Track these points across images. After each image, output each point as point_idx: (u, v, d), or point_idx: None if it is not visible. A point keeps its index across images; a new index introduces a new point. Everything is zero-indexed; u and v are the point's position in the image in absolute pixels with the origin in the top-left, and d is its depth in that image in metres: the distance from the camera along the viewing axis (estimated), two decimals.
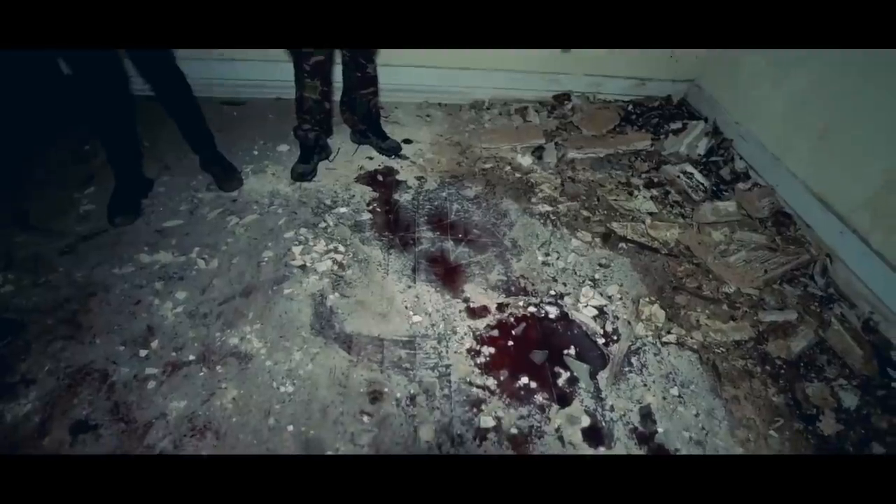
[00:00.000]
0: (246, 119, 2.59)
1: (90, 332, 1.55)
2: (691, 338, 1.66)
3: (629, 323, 1.70)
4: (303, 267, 1.79)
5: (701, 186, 2.27)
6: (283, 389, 1.43)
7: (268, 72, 2.65)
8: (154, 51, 1.71)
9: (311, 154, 2.23)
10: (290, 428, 1.35)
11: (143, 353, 1.50)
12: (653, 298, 1.79)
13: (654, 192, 2.30)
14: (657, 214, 2.17)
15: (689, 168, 2.35)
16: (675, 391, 1.50)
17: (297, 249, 1.85)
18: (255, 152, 2.35)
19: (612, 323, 1.70)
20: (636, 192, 2.29)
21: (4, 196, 2.01)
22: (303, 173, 2.19)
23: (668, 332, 1.67)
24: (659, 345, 1.63)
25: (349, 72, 2.12)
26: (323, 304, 1.68)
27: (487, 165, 2.39)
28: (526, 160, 2.43)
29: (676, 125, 2.63)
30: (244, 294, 1.69)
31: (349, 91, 2.22)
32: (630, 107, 2.81)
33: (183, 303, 1.64)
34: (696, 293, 1.82)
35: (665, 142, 2.54)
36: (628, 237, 2.05)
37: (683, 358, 1.60)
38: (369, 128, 2.35)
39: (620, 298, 1.79)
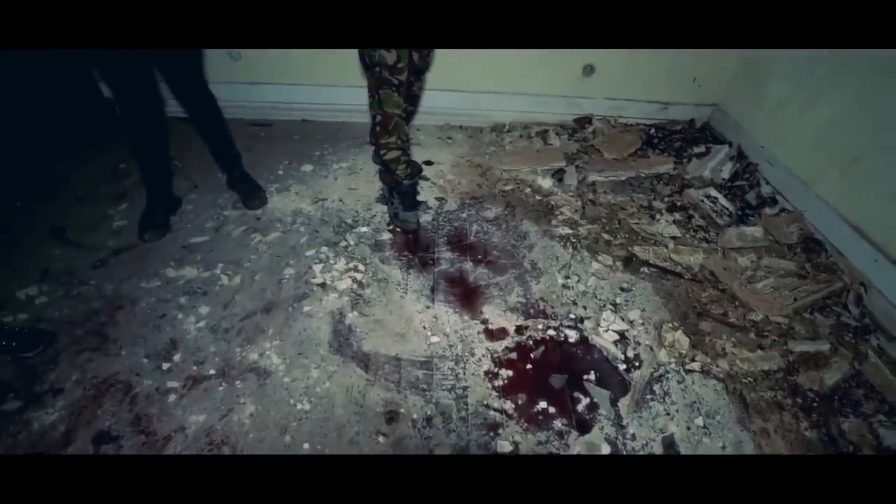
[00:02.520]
0: (272, 140, 2.67)
1: (116, 343, 1.59)
2: (717, 366, 1.60)
3: (651, 349, 1.65)
4: (323, 285, 1.81)
5: (726, 211, 2.23)
6: (300, 407, 1.43)
7: (294, 95, 2.76)
8: (188, 74, 1.79)
9: (407, 188, 2.02)
10: (306, 446, 1.34)
11: (165, 365, 1.53)
12: (676, 324, 1.75)
13: (677, 216, 2.27)
14: (680, 239, 2.13)
15: (714, 192, 2.32)
16: (699, 421, 1.45)
17: (317, 267, 1.87)
18: (280, 172, 2.42)
19: (634, 349, 1.65)
20: (658, 216, 2.26)
21: (44, 211, 2.10)
22: (408, 220, 2.05)
23: (693, 360, 1.62)
24: (682, 372, 1.58)
25: None
26: (342, 322, 1.69)
27: (508, 187, 2.40)
28: (546, 182, 2.43)
29: (700, 149, 2.61)
30: (265, 310, 1.71)
31: None
32: (652, 130, 2.80)
33: (206, 317, 1.68)
34: (721, 320, 1.76)
35: (688, 166, 2.51)
36: (650, 261, 2.01)
37: (709, 387, 1.54)
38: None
39: (642, 324, 1.75)
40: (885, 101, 1.84)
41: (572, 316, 1.76)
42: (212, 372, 1.51)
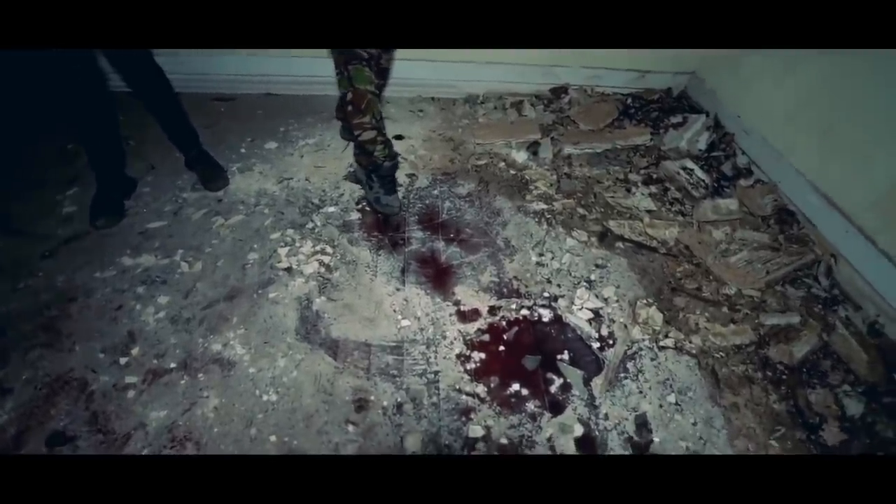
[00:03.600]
0: (235, 115, 2.53)
1: (70, 339, 1.51)
2: (690, 342, 1.61)
3: (625, 326, 1.64)
4: (289, 269, 1.74)
5: (701, 183, 2.20)
6: (266, 398, 1.38)
7: (257, 66, 2.59)
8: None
9: (387, 170, 1.89)
10: (273, 438, 1.31)
11: (123, 360, 1.46)
12: (650, 300, 1.74)
13: (653, 188, 2.24)
14: (656, 212, 2.11)
15: (690, 164, 2.28)
16: (672, 398, 1.45)
17: (283, 251, 1.80)
18: (243, 150, 2.29)
19: (608, 326, 1.64)
20: (634, 189, 2.22)
21: None
22: (391, 205, 1.94)
23: (666, 336, 1.62)
24: (656, 349, 1.58)
25: None
26: (309, 308, 1.63)
27: (481, 162, 2.32)
28: (521, 156, 2.37)
29: (677, 119, 2.56)
30: (228, 298, 1.64)
31: None
32: (629, 100, 2.74)
33: (165, 307, 1.60)
34: (695, 295, 1.76)
35: (665, 136, 2.47)
36: (626, 236, 1.99)
37: (681, 363, 1.55)
38: None
39: (617, 301, 1.73)
40: (859, 72, 1.81)
41: (546, 294, 1.73)
42: (173, 365, 1.45)
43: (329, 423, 1.34)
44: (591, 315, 1.67)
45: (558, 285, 1.77)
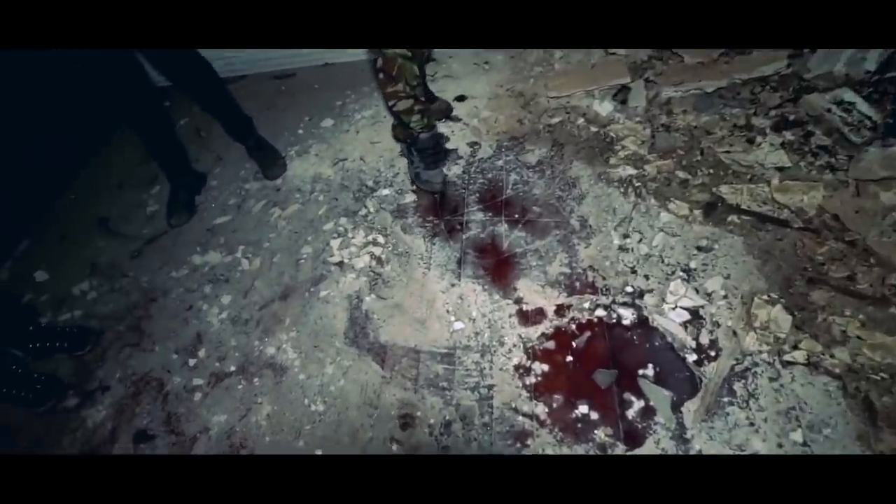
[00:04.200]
0: (294, 93, 2.45)
1: (151, 339, 1.62)
2: (831, 356, 1.20)
3: (734, 333, 1.28)
4: (340, 264, 1.66)
5: (866, 122, 1.60)
6: (314, 408, 1.35)
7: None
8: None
9: (425, 142, 1.67)
10: (319, 452, 1.27)
11: (192, 362, 1.53)
12: (774, 296, 1.33)
13: (788, 135, 1.69)
14: (790, 170, 1.59)
15: (849, 94, 1.67)
16: (798, 436, 1.10)
17: (335, 243, 1.72)
18: (300, 131, 2.22)
19: (711, 332, 1.30)
20: (760, 139, 1.70)
21: (90, 199, 2.17)
22: (431, 181, 1.76)
23: (795, 348, 1.23)
24: (778, 365, 1.21)
25: None
26: (359, 307, 1.54)
27: (555, 120, 1.96)
28: (605, 107, 1.94)
29: None
30: (282, 297, 1.62)
31: None
32: None
33: (227, 307, 1.64)
34: (844, 288, 1.31)
35: (811, 58, 1.83)
36: (743, 206, 1.54)
37: (816, 386, 1.17)
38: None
39: (725, 296, 1.36)
40: None
41: (629, 289, 1.42)
42: (232, 369, 1.48)
43: (374, 439, 1.27)
44: (687, 316, 1.33)
45: (646, 276, 1.44)
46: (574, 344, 1.34)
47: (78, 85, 1.87)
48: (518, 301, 1.46)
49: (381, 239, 1.70)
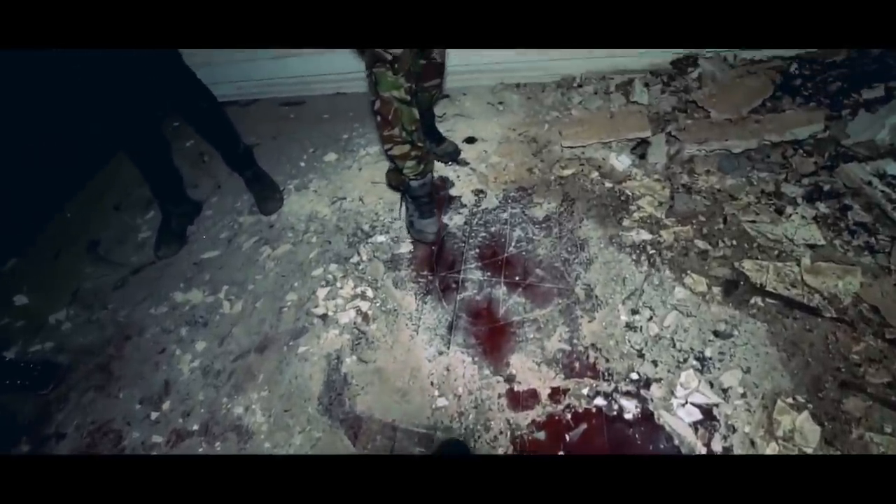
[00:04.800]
0: (302, 121, 2.39)
1: (118, 383, 1.53)
2: None
3: (752, 442, 1.12)
4: (324, 317, 1.55)
5: None
6: None
7: (324, 65, 2.40)
8: (168, 66, 1.52)
9: (417, 190, 1.58)
10: None
11: (154, 415, 1.43)
12: (801, 399, 1.17)
13: (823, 207, 1.54)
14: (823, 249, 1.44)
15: (893, 167, 1.51)
16: None
17: (322, 293, 1.61)
18: (302, 164, 2.15)
19: (725, 438, 1.14)
20: (790, 210, 1.55)
21: (86, 220, 2.12)
22: (424, 231, 1.65)
23: None
24: None
25: None
26: (337, 369, 1.42)
27: (568, 171, 1.84)
28: (622, 161, 1.82)
29: (874, 92, 1.72)
30: (259, 349, 1.52)
31: None
32: (793, 66, 1.93)
33: (201, 355, 1.53)
34: (883, 398, 1.14)
35: (850, 123, 1.68)
36: (768, 287, 1.38)
37: None
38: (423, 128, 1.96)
39: (743, 395, 1.20)
40: None
41: (634, 376, 1.28)
42: (195, 427, 1.38)
43: None
44: (698, 416, 1.18)
45: (654, 362, 1.29)
46: (567, 437, 1.19)
47: (78, 102, 1.82)
48: (510, 379, 1.32)
49: (370, 292, 1.58)
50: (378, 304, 1.55)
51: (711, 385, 1.23)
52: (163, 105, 1.66)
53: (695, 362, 1.28)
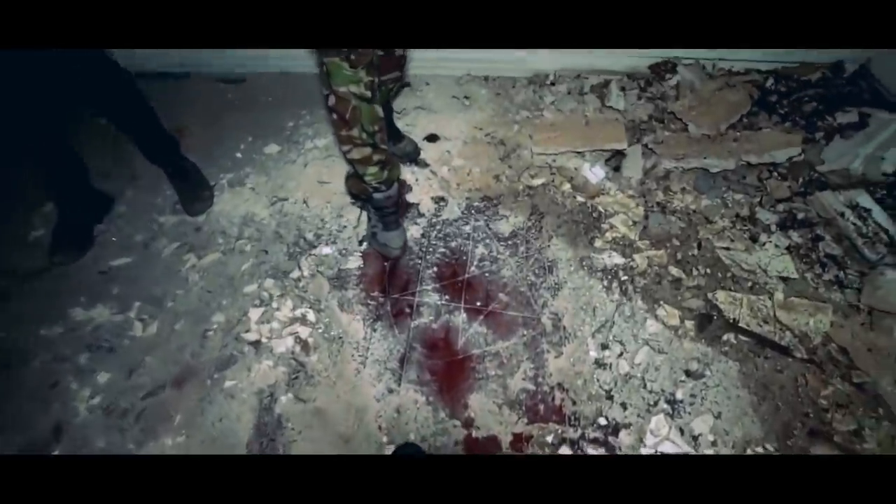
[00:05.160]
0: (241, 103, 2.09)
1: None
2: None
3: None
4: (257, 344, 1.34)
5: (882, 237, 1.41)
6: None
7: None
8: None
9: (381, 202, 1.37)
10: None
11: None
12: (770, 448, 1.11)
13: (796, 236, 1.48)
14: (795, 283, 1.38)
15: (865, 199, 1.47)
16: None
17: (254, 314, 1.39)
18: (239, 155, 1.87)
19: None
20: (764, 237, 1.48)
21: None
22: (388, 245, 1.48)
23: None
24: None
25: None
26: (270, 409, 1.23)
27: (537, 181, 1.69)
28: (596, 173, 1.69)
29: (848, 116, 1.68)
30: (177, 383, 1.29)
31: None
32: (770, 81, 1.86)
33: (103, 390, 1.28)
34: (849, 448, 1.09)
35: (825, 149, 1.63)
36: (741, 322, 1.31)
37: None
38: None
39: (714, 443, 1.13)
40: None
41: (603, 421, 1.17)
42: None
43: None
44: None
45: (623, 405, 1.19)
46: None
47: None
48: (468, 424, 1.18)
49: (311, 315, 1.38)
50: (321, 330, 1.35)
51: (682, 432, 1.14)
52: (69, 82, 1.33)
53: (665, 406, 1.19)
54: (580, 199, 1.63)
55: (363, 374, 1.27)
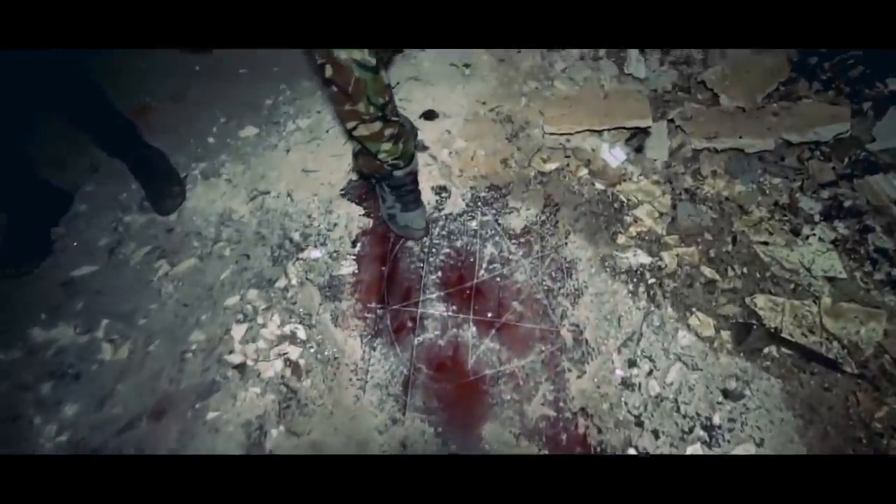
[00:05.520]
0: (211, 77, 1.84)
1: None
2: None
3: None
4: (242, 367, 1.19)
5: None
6: None
7: None
8: None
9: (400, 180, 1.23)
10: None
11: None
12: None
13: (842, 227, 1.32)
14: (844, 284, 1.23)
15: None
16: None
17: (238, 331, 1.24)
18: (211, 140, 1.65)
19: None
20: (807, 230, 1.32)
21: None
22: (411, 227, 1.33)
23: None
24: None
25: None
26: (260, 444, 1.10)
27: (550, 166, 1.50)
28: (616, 156, 1.50)
29: None
30: (154, 415, 1.15)
31: None
32: None
33: (71, 425, 1.15)
34: None
35: (878, 124, 1.43)
36: (784, 332, 1.17)
37: None
38: None
39: None
40: None
41: (632, 451, 1.05)
42: None
43: None
44: None
45: (655, 433, 1.07)
46: None
47: None
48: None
49: (301, 332, 1.23)
50: (313, 350, 1.20)
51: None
52: None
53: (702, 432, 1.06)
54: (599, 186, 1.45)
55: (363, 401, 1.13)
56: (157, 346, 1.24)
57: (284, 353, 1.19)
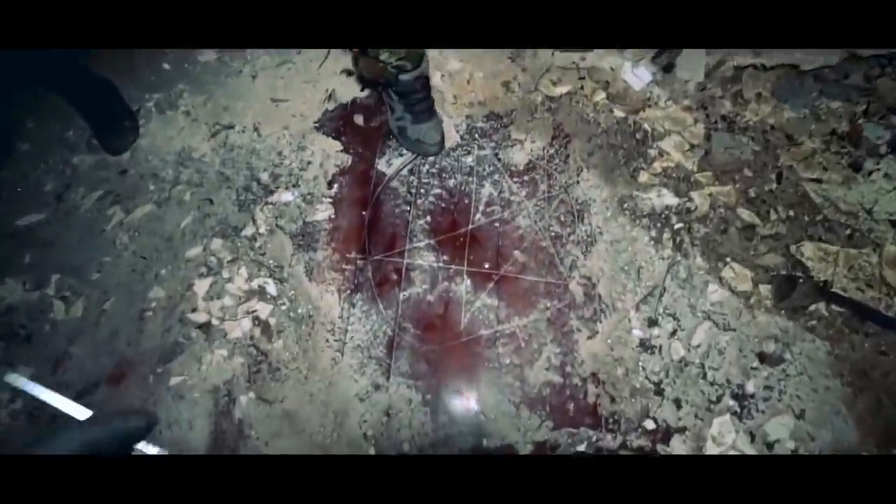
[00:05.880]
0: None
1: None
2: None
3: None
4: (206, 327, 1.05)
5: None
6: None
7: None
8: None
9: (408, 84, 1.02)
10: None
11: None
12: (871, 452, 0.86)
13: None
14: None
15: None
16: None
17: (201, 287, 1.09)
18: (166, 65, 1.43)
19: None
20: (869, 164, 1.10)
21: None
22: (424, 141, 1.14)
23: None
24: None
25: None
26: (228, 413, 0.98)
27: (560, 90, 1.26)
28: (640, 76, 1.25)
29: None
30: (112, 380, 1.03)
31: None
32: None
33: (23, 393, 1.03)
34: None
35: None
36: (834, 285, 0.99)
37: None
38: None
39: (794, 450, 0.88)
40: None
41: (650, 425, 0.92)
42: None
43: None
44: None
45: (676, 402, 0.93)
46: None
47: None
48: (477, 430, 0.93)
49: (271, 287, 1.08)
50: (285, 308, 1.06)
51: (752, 437, 0.89)
52: None
53: (732, 402, 0.92)
54: (619, 113, 1.22)
55: (341, 364, 1.00)
56: (113, 304, 1.10)
57: (253, 311, 1.05)
